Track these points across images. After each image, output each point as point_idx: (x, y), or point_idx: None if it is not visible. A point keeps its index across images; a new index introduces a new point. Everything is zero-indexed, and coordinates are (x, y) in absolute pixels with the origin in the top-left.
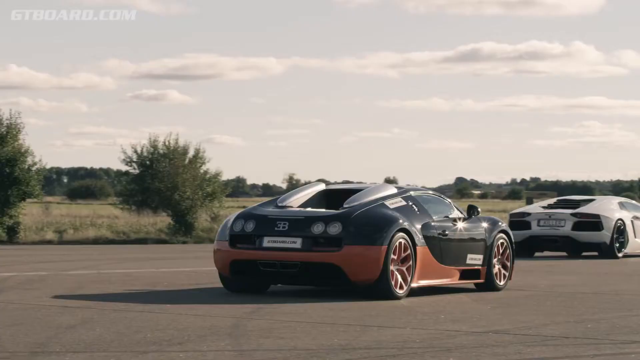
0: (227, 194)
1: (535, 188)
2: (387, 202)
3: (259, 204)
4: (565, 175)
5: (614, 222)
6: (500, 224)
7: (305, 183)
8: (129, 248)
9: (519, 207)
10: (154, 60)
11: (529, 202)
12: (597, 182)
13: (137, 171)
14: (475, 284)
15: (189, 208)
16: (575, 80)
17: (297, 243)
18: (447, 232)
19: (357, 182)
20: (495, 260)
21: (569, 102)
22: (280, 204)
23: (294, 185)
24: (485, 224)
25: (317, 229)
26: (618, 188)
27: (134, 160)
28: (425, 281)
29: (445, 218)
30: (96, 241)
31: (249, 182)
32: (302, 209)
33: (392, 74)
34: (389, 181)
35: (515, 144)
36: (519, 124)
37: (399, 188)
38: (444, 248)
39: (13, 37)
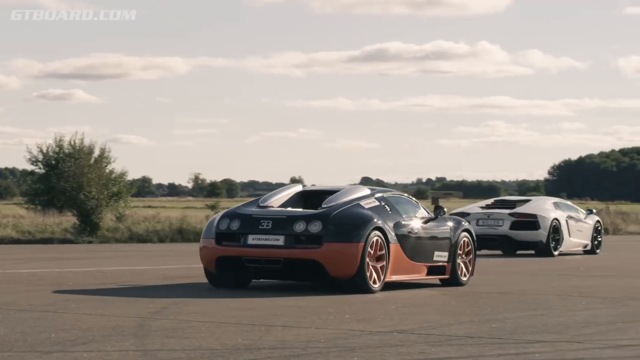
0: (133, 193)
1: (441, 188)
2: (362, 203)
3: (242, 204)
4: (471, 175)
5: (550, 222)
6: (463, 223)
7: (211, 183)
8: (35, 248)
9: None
10: (60, 60)
11: (435, 202)
12: (503, 182)
13: (42, 171)
14: (441, 280)
15: (94, 208)
16: (481, 80)
17: (280, 240)
18: (416, 231)
19: (326, 184)
20: (459, 257)
21: (475, 101)
22: (262, 204)
23: (199, 184)
24: (450, 223)
25: (299, 227)
26: (524, 188)
27: (40, 160)
28: (396, 276)
29: (414, 217)
30: (1, 241)
31: (154, 181)
32: (283, 208)
33: (298, 74)
34: (294, 181)
35: (421, 143)
36: (425, 124)
37: (372, 189)
38: (414, 246)
39: None
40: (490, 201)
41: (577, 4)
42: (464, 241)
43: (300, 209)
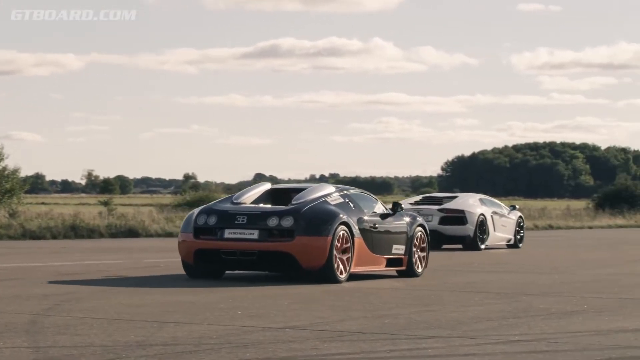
0: (26, 190)
1: (334, 184)
2: (329, 199)
3: (217, 200)
4: (365, 171)
5: (476, 217)
6: (418, 219)
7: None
8: None
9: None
10: None
11: None
12: (397, 178)
13: None
14: (398, 271)
15: None
16: (374, 77)
17: (255, 234)
18: (377, 225)
19: (294, 182)
20: (414, 250)
21: (368, 98)
22: (235, 201)
23: (92, 181)
24: (407, 219)
25: (272, 222)
26: (417, 184)
27: None
28: (360, 268)
29: (374, 213)
30: None
31: (47, 178)
32: (256, 205)
33: (191, 70)
34: (188, 177)
35: (314, 140)
36: (318, 120)
37: (336, 187)
38: (375, 239)
39: None
40: (418, 198)
41: (470, 1)
42: (419, 235)
43: (275, 205)
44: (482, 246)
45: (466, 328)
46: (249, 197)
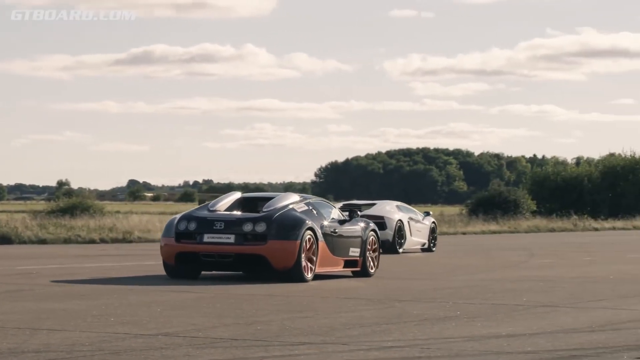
0: None
1: (208, 190)
2: (296, 207)
3: (195, 208)
4: (238, 177)
5: (395, 222)
6: (370, 224)
7: None
8: None
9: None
10: None
11: (202, 204)
12: (270, 184)
13: None
14: (353, 272)
15: None
16: (247, 83)
17: (231, 239)
18: (336, 230)
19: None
20: (368, 253)
21: (241, 104)
22: (211, 209)
23: None
24: (361, 224)
25: (247, 227)
26: (291, 190)
27: None
28: (322, 269)
29: (333, 219)
30: None
31: None
32: (230, 212)
33: (64, 76)
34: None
35: (187, 146)
36: (192, 127)
37: (301, 196)
38: (335, 243)
39: None
40: (339, 205)
41: (343, 7)
42: (372, 239)
43: (246, 212)
44: (400, 250)
45: (339, 334)
46: (223, 205)
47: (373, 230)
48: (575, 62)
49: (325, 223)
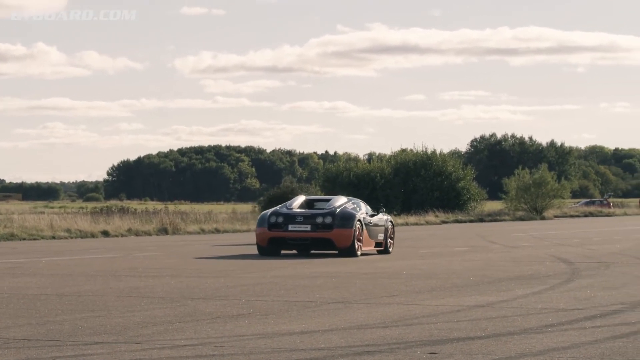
0: None
1: (0, 190)
2: (347, 205)
3: (278, 207)
4: (31, 176)
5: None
6: (389, 217)
7: None
8: None
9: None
10: None
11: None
12: (63, 184)
13: None
14: (378, 251)
15: None
16: (38, 82)
17: (308, 227)
18: (371, 221)
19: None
20: (388, 238)
21: (32, 103)
22: (289, 207)
23: None
24: (384, 217)
25: (319, 220)
26: (83, 189)
27: None
28: (365, 248)
29: (366, 213)
30: None
31: None
32: (303, 209)
33: None
34: None
35: None
36: None
37: (347, 198)
38: (370, 230)
39: None
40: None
41: (134, 4)
42: (390, 227)
43: (311, 209)
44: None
45: (132, 333)
46: (296, 205)
47: (391, 221)
48: (366, 58)
49: (364, 216)
